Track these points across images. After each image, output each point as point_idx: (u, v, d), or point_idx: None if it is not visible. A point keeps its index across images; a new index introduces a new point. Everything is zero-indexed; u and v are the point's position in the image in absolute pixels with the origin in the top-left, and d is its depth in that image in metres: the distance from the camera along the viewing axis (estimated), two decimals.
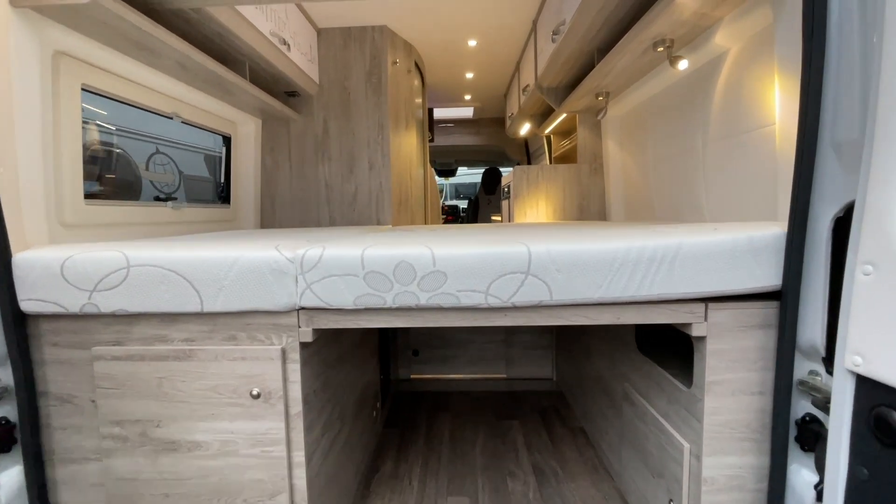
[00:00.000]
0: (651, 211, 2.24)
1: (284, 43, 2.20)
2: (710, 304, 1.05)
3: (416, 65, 3.30)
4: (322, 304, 1.05)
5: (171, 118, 2.00)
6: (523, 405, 2.27)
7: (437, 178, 8.18)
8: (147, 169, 4.22)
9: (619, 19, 1.80)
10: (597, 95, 2.36)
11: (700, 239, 1.02)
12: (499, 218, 3.78)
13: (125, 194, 3.02)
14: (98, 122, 2.74)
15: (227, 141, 2.54)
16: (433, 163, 6.71)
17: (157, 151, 4.22)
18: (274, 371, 1.06)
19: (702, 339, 1.06)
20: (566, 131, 3.66)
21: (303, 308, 1.08)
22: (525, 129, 4.00)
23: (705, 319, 1.05)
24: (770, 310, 1.03)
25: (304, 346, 1.10)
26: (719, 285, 1.02)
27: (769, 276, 1.01)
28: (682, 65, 1.59)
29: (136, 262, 1.05)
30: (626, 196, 2.57)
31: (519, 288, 1.03)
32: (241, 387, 1.06)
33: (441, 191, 11.75)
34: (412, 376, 2.61)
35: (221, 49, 1.98)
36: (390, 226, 2.78)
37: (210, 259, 1.05)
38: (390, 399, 2.39)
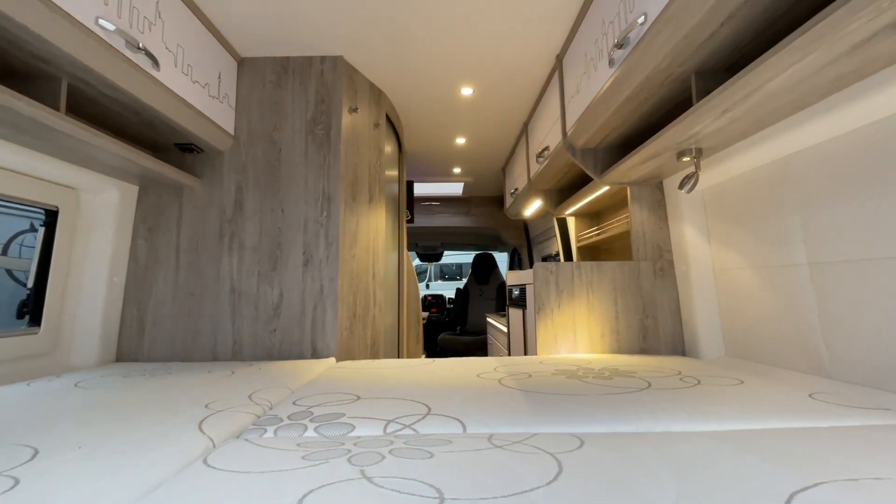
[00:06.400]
0: (814, 360, 1.19)
1: (142, 50, 1.24)
2: None
3: (389, 120, 2.41)
4: None
5: None
6: None
7: (418, 261, 7.17)
8: (5, 253, 3.06)
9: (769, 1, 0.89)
10: (679, 154, 1.43)
11: None
12: (503, 326, 2.69)
13: None
14: None
15: (50, 216, 1.48)
16: (414, 246, 5.73)
17: (32, 228, 3.09)
18: None
19: None
20: (594, 213, 2.72)
21: None
22: (534, 208, 3.07)
23: None
24: None
25: None
26: None
27: None
28: None
29: None
30: (730, 318, 1.54)
31: None
32: None
33: (424, 272, 10.65)
34: None
35: None
36: (333, 359, 1.68)
37: None
38: None
